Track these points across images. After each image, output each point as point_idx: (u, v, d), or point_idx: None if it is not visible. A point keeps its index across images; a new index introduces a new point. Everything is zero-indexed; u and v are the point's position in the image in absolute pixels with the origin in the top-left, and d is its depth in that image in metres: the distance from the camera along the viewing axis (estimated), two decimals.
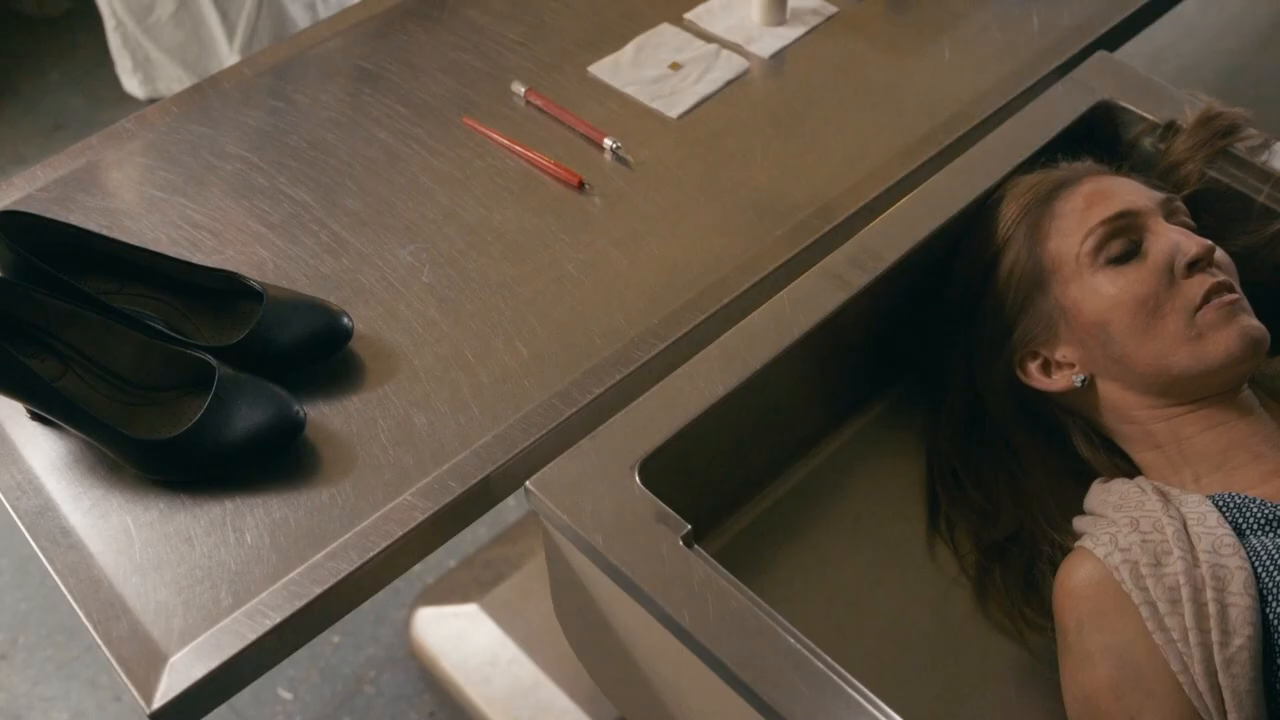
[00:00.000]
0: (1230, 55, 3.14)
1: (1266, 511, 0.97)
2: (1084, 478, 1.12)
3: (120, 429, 0.97)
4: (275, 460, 1.00)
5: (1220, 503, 0.98)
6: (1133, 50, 1.49)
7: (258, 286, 1.06)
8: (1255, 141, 1.21)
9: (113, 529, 0.97)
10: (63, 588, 0.94)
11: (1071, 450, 1.14)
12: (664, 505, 0.92)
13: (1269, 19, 3.27)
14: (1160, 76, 1.27)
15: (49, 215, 1.15)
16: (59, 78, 3.06)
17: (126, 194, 1.23)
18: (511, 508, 1.04)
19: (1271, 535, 0.96)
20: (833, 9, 1.44)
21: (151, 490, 0.99)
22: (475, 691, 1.62)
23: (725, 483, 1.11)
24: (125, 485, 1.00)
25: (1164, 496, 1.01)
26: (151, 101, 2.40)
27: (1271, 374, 1.12)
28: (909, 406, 1.22)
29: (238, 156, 1.27)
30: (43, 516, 0.98)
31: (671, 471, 0.97)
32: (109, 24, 1.69)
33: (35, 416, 1.03)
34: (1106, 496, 1.06)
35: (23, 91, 3.04)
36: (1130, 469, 1.11)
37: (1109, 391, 1.08)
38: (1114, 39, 1.42)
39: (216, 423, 0.97)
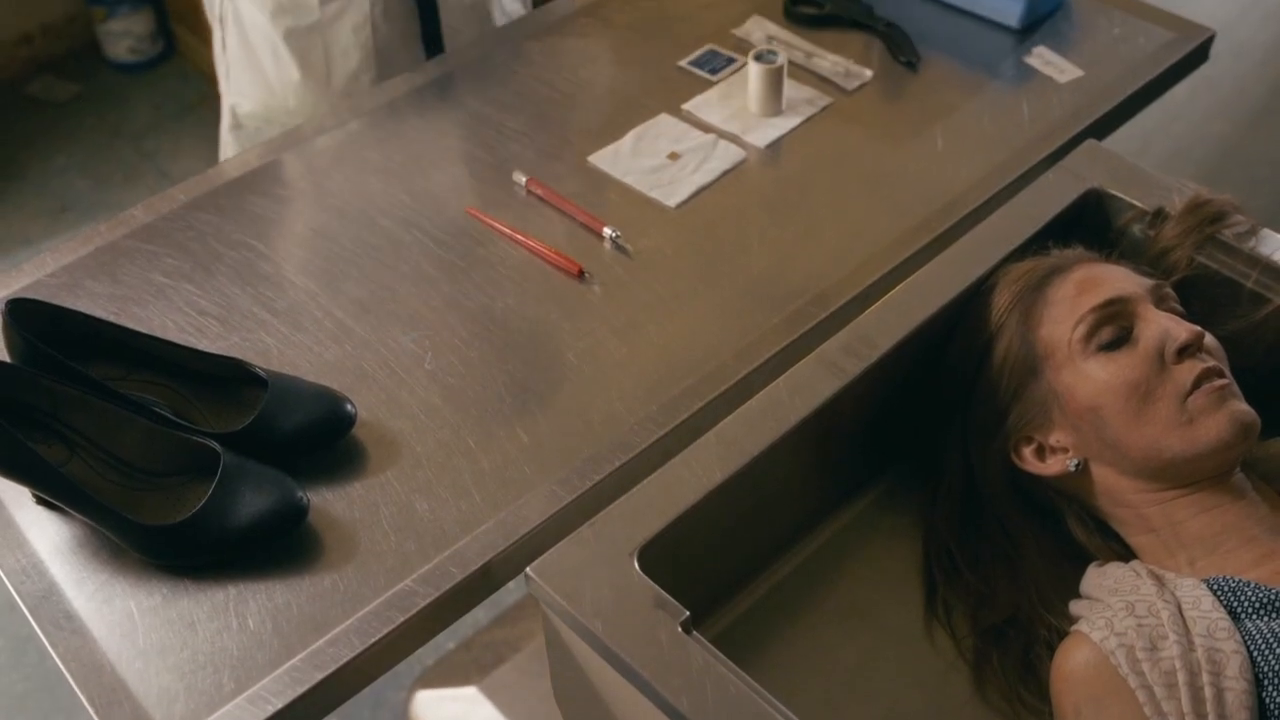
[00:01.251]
0: (1220, 138, 3.19)
1: (1261, 595, 0.97)
2: (1080, 561, 1.12)
3: (125, 514, 0.97)
4: (278, 545, 1.01)
5: (1215, 586, 0.99)
6: (1124, 133, 1.52)
7: (262, 374, 1.07)
8: (1243, 227, 1.22)
9: (116, 614, 0.98)
10: (65, 673, 0.94)
11: (1067, 534, 1.14)
12: (662, 592, 0.92)
13: (1258, 102, 3.31)
14: (1151, 159, 1.30)
15: (58, 301, 1.18)
16: (65, 161, 3.10)
17: (134, 280, 1.25)
18: (511, 590, 1.05)
19: (1267, 619, 0.96)
20: (827, 99, 1.46)
21: (155, 575, 1.00)
22: None
23: (723, 568, 1.11)
24: (129, 570, 1.00)
25: (1159, 580, 1.01)
26: None
27: (1263, 457, 1.13)
28: (905, 491, 1.22)
29: (244, 244, 1.29)
30: (46, 601, 0.98)
31: (670, 557, 0.97)
32: (225, 122, 1.72)
33: (41, 501, 1.04)
34: (1102, 580, 1.06)
35: (30, 174, 3.07)
36: (1125, 552, 1.11)
37: (1103, 476, 1.09)
38: (1103, 127, 1.44)
39: (220, 509, 0.98)
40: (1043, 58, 1.52)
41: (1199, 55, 1.57)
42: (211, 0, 1.67)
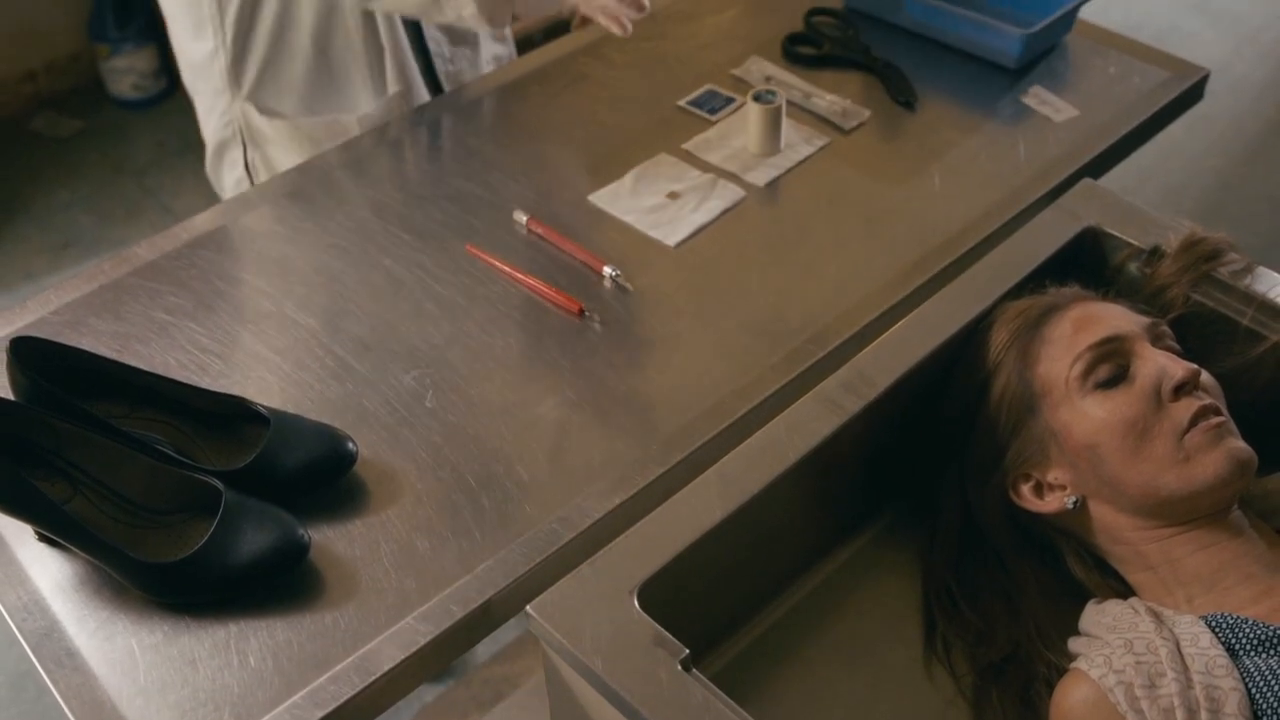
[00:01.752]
0: (1217, 174, 3.20)
1: (1260, 631, 0.98)
2: (1079, 598, 1.12)
3: (127, 552, 0.98)
4: (280, 583, 1.01)
5: (1213, 623, 0.99)
6: (1122, 170, 1.53)
7: (264, 412, 1.08)
8: (1238, 265, 1.22)
9: (117, 651, 0.98)
10: (66, 710, 0.94)
11: (1066, 571, 1.14)
12: (662, 630, 0.93)
13: (1254, 138, 3.33)
14: (1149, 195, 1.30)
15: (62, 338, 1.19)
16: (69, 196, 3.12)
17: (137, 318, 1.26)
18: (511, 625, 1.05)
19: (1265, 655, 0.96)
20: (825, 139, 1.47)
21: (157, 612, 1.00)
22: None
23: (723, 605, 1.11)
24: (131, 607, 1.01)
25: (1157, 617, 1.01)
26: None
27: (1260, 494, 1.13)
28: (904, 529, 1.23)
29: (246, 282, 1.29)
30: (48, 638, 0.99)
31: (670, 595, 0.97)
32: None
33: (43, 538, 1.05)
34: (1100, 618, 1.07)
35: (33, 209, 3.09)
36: (1124, 589, 1.11)
37: (1101, 513, 1.10)
38: (1099, 166, 1.45)
39: (222, 546, 0.99)
40: (1039, 97, 1.53)
41: (1194, 94, 1.58)
42: (227, 142, 1.64)
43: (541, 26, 2.26)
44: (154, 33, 3.33)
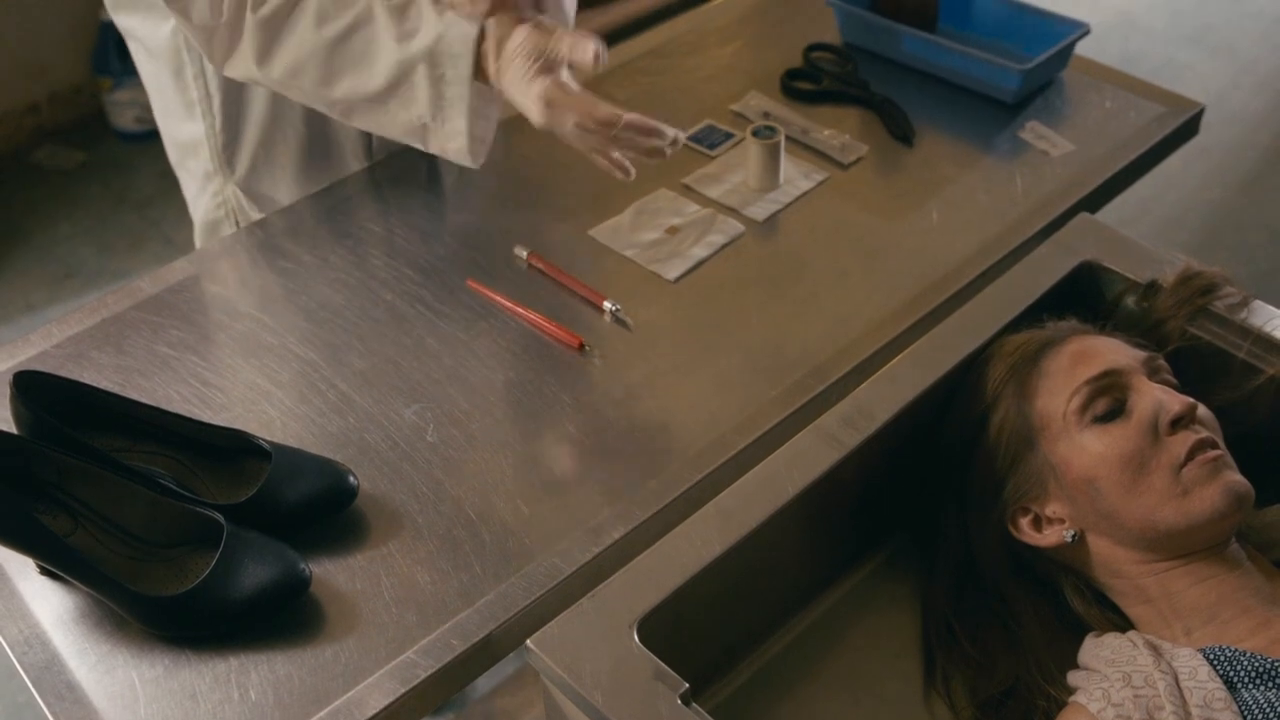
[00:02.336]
0: (1214, 205, 3.22)
1: (1258, 664, 0.98)
2: (1078, 631, 1.12)
3: (128, 585, 0.98)
4: (280, 616, 1.01)
5: (1211, 656, 0.99)
6: (1120, 201, 1.54)
7: (266, 445, 1.08)
8: (1234, 299, 1.23)
9: (118, 684, 0.98)
10: None
11: (1065, 604, 1.15)
12: (662, 664, 0.93)
13: (1251, 169, 3.35)
14: (1148, 226, 1.31)
15: (64, 372, 1.19)
16: (70, 228, 3.13)
17: (139, 352, 1.26)
18: (510, 659, 1.05)
19: (1263, 688, 0.96)
20: (824, 174, 1.48)
21: (158, 646, 1.00)
22: None
23: (722, 639, 1.11)
24: (131, 641, 1.01)
25: (1155, 651, 1.02)
26: None
27: (1258, 527, 1.14)
28: (903, 562, 1.23)
29: (248, 315, 1.30)
30: (48, 671, 0.99)
31: (669, 629, 0.98)
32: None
33: (44, 571, 1.05)
34: (1099, 651, 1.07)
35: (35, 240, 3.10)
36: (1123, 623, 1.12)
37: (1099, 546, 1.10)
38: (1096, 200, 1.46)
39: (223, 580, 0.99)
40: (1035, 132, 1.54)
41: (1189, 129, 1.59)
42: (219, 222, 1.56)
43: None
44: None
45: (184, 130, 1.51)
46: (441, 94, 1.24)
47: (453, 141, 1.27)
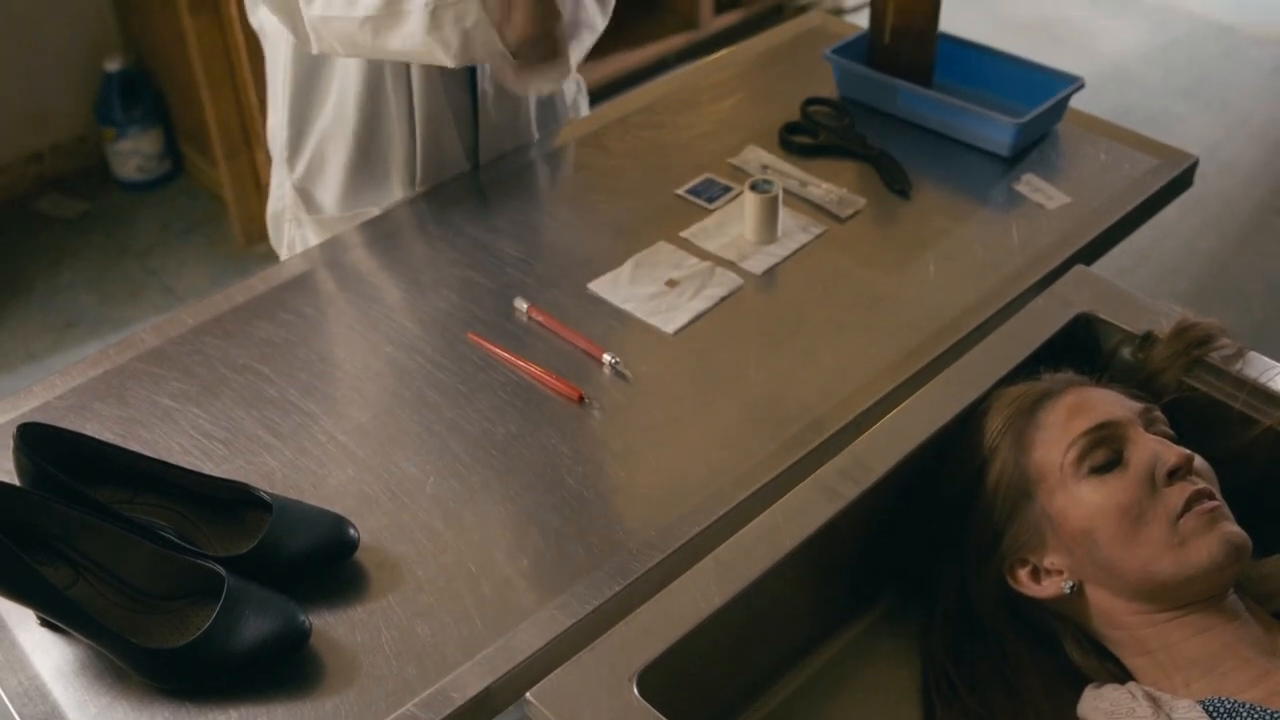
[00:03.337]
0: (1210, 255, 3.23)
1: (1257, 715, 0.98)
2: (1077, 682, 1.12)
3: (128, 638, 0.98)
4: (280, 669, 1.01)
5: (1211, 708, 0.99)
6: (1117, 252, 1.55)
7: (267, 498, 1.09)
8: (1229, 350, 1.24)
9: None
10: None
11: (1064, 655, 1.15)
12: (661, 716, 0.93)
13: (1246, 219, 3.37)
14: (1144, 276, 1.31)
15: (66, 423, 1.20)
16: (72, 277, 3.14)
17: (141, 403, 1.27)
18: (510, 712, 1.05)
19: None
20: (821, 227, 1.49)
21: (158, 699, 1.00)
22: None
23: (721, 692, 1.11)
24: (131, 694, 1.01)
25: (1155, 703, 1.02)
26: None
27: (1256, 578, 1.14)
28: (901, 614, 1.23)
29: (249, 368, 1.31)
30: None
31: (669, 682, 0.98)
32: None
33: (45, 623, 1.05)
34: (1098, 703, 1.07)
35: (37, 289, 3.11)
36: (1123, 674, 1.12)
37: (1098, 598, 1.10)
38: (1092, 252, 1.47)
39: (224, 633, 0.99)
40: (1031, 184, 1.56)
41: (1184, 180, 1.60)
42: (280, 214, 1.68)
43: None
44: (159, 116, 3.38)
45: (272, 116, 1.61)
46: None
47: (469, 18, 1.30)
